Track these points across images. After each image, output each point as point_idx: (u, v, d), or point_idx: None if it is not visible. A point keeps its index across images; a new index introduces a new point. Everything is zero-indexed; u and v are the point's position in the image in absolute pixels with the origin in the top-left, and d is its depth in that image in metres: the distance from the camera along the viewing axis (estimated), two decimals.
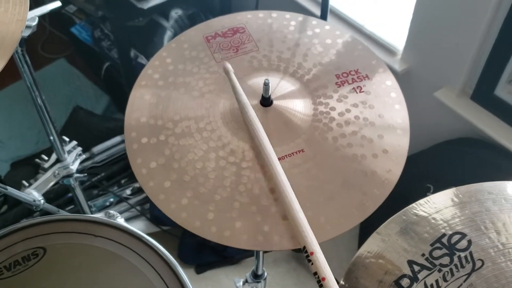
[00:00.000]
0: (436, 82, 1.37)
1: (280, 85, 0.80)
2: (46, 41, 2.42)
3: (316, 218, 0.68)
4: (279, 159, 0.71)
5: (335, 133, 0.75)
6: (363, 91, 0.80)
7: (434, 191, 1.36)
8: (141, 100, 0.80)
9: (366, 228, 0.69)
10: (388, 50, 1.49)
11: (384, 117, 0.77)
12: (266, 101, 0.76)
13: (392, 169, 0.72)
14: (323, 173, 0.72)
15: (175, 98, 0.80)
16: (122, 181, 1.82)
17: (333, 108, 0.78)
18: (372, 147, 0.74)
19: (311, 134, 0.75)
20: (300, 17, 0.91)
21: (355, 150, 0.74)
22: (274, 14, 0.91)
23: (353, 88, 0.80)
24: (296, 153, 0.73)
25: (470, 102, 1.31)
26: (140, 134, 0.76)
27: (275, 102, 0.77)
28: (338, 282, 0.61)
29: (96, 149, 1.83)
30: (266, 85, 0.73)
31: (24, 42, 0.92)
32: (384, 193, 0.71)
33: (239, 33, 0.88)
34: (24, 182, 1.17)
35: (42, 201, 1.14)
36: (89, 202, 1.70)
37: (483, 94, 1.28)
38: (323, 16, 1.23)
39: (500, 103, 1.25)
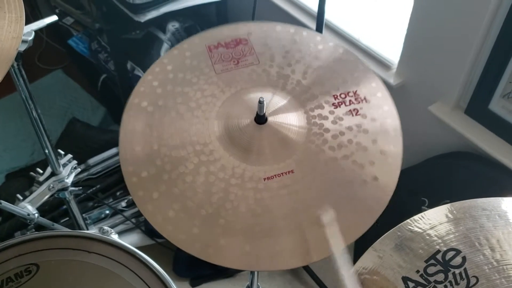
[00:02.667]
0: (430, 96, 1.38)
1: (277, 102, 0.80)
2: (43, 53, 2.43)
3: (299, 241, 0.68)
4: (268, 178, 0.71)
5: (327, 156, 0.75)
6: (359, 114, 0.79)
7: (429, 205, 1.37)
8: (138, 108, 0.79)
9: (361, 241, 0.69)
10: (383, 64, 1.50)
11: (377, 143, 0.76)
12: (260, 119, 0.76)
13: (381, 197, 0.72)
14: (310, 197, 0.71)
15: (171, 108, 0.79)
16: (118, 193, 1.82)
17: (327, 130, 0.77)
18: (363, 173, 0.73)
19: (302, 155, 0.75)
20: (304, 31, 0.89)
21: (345, 175, 0.73)
22: (279, 27, 0.90)
23: (350, 110, 0.79)
24: (286, 173, 0.73)
25: (464, 117, 1.32)
26: (134, 142, 0.76)
27: (269, 120, 0.77)
28: None
29: (92, 160, 1.82)
30: (261, 103, 0.73)
31: (20, 56, 0.92)
32: (371, 219, 0.71)
33: (241, 45, 0.87)
34: (18, 195, 1.16)
35: (36, 215, 1.13)
36: (84, 215, 1.69)
37: (477, 108, 1.28)
38: (319, 30, 1.24)
39: (494, 118, 1.25)
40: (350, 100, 0.80)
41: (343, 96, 0.81)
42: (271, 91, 0.82)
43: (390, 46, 1.50)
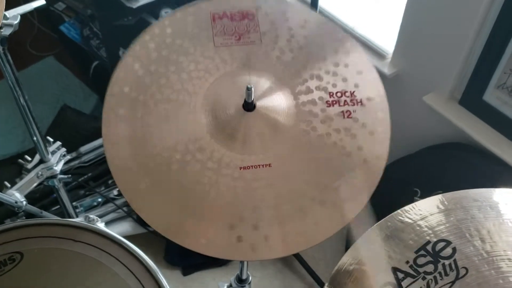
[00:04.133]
0: (425, 86, 1.37)
1: (269, 90, 0.78)
2: (35, 39, 2.40)
3: (259, 235, 0.67)
4: (244, 168, 0.70)
5: (306, 156, 0.73)
6: (350, 117, 0.76)
7: (421, 195, 1.37)
8: (130, 70, 0.77)
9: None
10: (378, 53, 1.49)
11: (363, 150, 0.74)
12: (248, 106, 0.74)
13: (352, 205, 0.71)
14: (281, 194, 0.70)
15: (162, 75, 0.76)
16: (109, 182, 1.80)
17: (314, 129, 0.74)
18: (340, 179, 0.72)
19: (283, 151, 0.73)
20: (315, 16, 0.85)
21: (322, 178, 0.72)
22: (294, 5, 0.85)
23: (342, 111, 0.76)
24: (263, 166, 0.71)
25: (458, 107, 1.31)
26: (119, 103, 0.75)
27: (258, 108, 0.75)
28: (322, 287, 0.61)
29: (84, 148, 1.81)
30: (248, 90, 0.71)
31: (6, 41, 0.90)
32: (337, 226, 0.70)
33: (247, 20, 0.82)
34: (6, 183, 1.15)
35: (25, 202, 1.12)
36: (76, 203, 1.68)
37: (472, 99, 1.28)
38: None
39: (488, 109, 1.25)
40: (345, 101, 0.77)
41: (339, 95, 0.78)
42: (266, 77, 0.79)
43: (385, 35, 1.49)
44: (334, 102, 0.77)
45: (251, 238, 0.67)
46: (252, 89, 0.71)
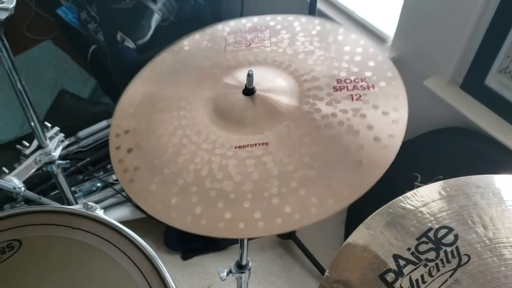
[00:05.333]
0: (426, 70, 1.36)
1: (274, 80, 0.79)
2: (32, 23, 2.37)
3: (249, 212, 0.66)
4: (240, 147, 0.71)
5: (308, 136, 0.72)
6: (360, 100, 0.74)
7: (422, 180, 1.37)
8: (146, 78, 0.83)
9: (353, 215, 0.68)
10: (378, 37, 1.47)
11: (373, 129, 0.71)
12: (248, 92, 0.76)
13: (356, 184, 0.68)
14: (277, 171, 0.69)
15: (172, 79, 0.82)
16: (108, 166, 1.80)
17: (318, 110, 0.74)
18: (345, 156, 0.69)
19: (282, 130, 0.73)
20: (328, 24, 0.88)
21: (321, 158, 0.70)
22: (304, 19, 0.89)
23: (351, 95, 0.75)
24: (260, 144, 0.71)
25: (459, 91, 1.30)
26: (130, 105, 0.79)
27: (258, 93, 0.76)
28: (324, 272, 0.60)
29: (82, 133, 1.80)
30: (250, 76, 0.72)
31: (2, 25, 0.89)
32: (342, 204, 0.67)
33: (259, 32, 0.88)
34: (4, 168, 1.14)
35: (23, 188, 1.11)
36: (74, 188, 1.68)
37: (473, 83, 1.27)
38: (312, 7, 1.21)
39: (490, 93, 1.24)
40: (354, 86, 0.77)
41: (348, 81, 0.77)
42: (272, 70, 0.81)
43: (386, 18, 1.47)
44: (342, 87, 0.77)
45: (242, 216, 0.66)
46: (253, 75, 0.72)
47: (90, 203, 0.76)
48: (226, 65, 0.83)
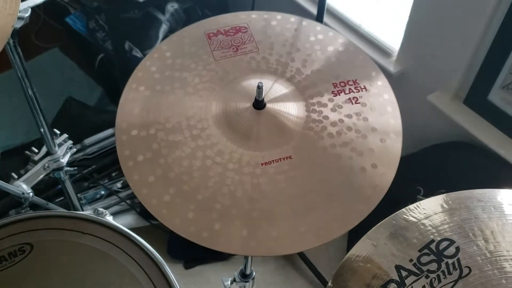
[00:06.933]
0: (430, 85, 1.37)
1: (276, 89, 0.80)
2: (40, 30, 2.39)
3: (295, 227, 0.67)
4: (265, 163, 0.71)
5: (325, 143, 0.74)
6: (358, 103, 0.79)
7: (424, 194, 1.37)
8: (136, 92, 0.79)
9: (356, 227, 0.69)
10: (383, 51, 1.49)
11: (377, 131, 0.76)
12: (259, 104, 0.76)
13: (379, 185, 0.72)
14: (308, 183, 0.71)
15: (169, 92, 0.79)
16: (113, 174, 1.81)
17: (326, 117, 0.77)
18: (361, 161, 0.73)
19: (301, 141, 0.75)
20: (304, 21, 0.90)
21: (344, 162, 0.73)
22: (279, 16, 0.90)
23: (349, 98, 0.79)
24: (284, 159, 0.72)
25: (463, 107, 1.31)
26: (131, 125, 0.76)
27: (268, 105, 0.77)
28: (326, 284, 0.61)
29: (88, 141, 1.81)
30: (259, 88, 0.73)
31: (17, 33, 0.91)
32: (367, 208, 0.70)
33: (241, 33, 0.87)
34: (13, 174, 1.15)
35: (31, 194, 1.12)
36: (79, 195, 1.69)
37: (476, 99, 1.28)
38: (319, 17, 1.23)
39: (493, 109, 1.25)
40: (349, 89, 0.80)
41: (342, 84, 0.80)
42: (270, 79, 0.81)
43: (391, 32, 1.49)
44: (340, 91, 0.79)
45: (282, 230, 0.68)
46: (263, 87, 0.73)
47: (100, 209, 0.78)
48: (221, 74, 0.82)
